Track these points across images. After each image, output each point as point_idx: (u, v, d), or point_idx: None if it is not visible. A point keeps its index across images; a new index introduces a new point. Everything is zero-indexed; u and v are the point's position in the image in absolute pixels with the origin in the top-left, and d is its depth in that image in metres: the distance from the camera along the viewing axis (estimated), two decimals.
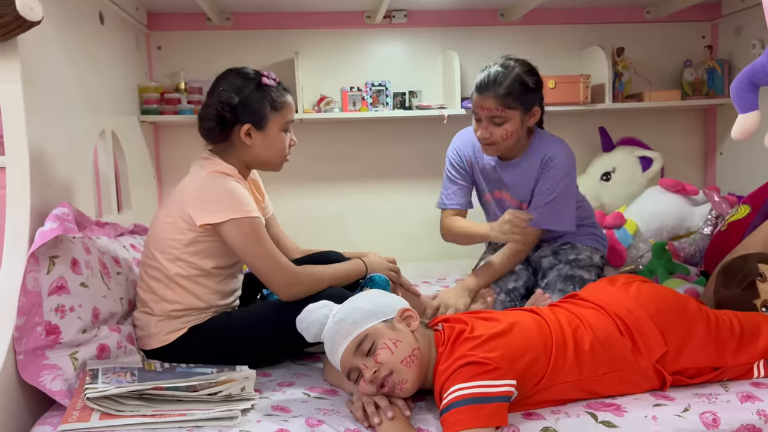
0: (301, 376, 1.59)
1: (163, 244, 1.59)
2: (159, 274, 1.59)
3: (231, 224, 1.52)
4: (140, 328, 1.62)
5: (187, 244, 1.56)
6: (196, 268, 1.58)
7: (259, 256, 1.54)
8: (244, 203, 1.54)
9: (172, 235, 1.57)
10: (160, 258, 1.59)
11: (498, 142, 1.93)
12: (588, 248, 2.11)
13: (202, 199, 1.53)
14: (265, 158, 1.67)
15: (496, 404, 1.21)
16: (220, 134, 1.62)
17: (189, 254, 1.57)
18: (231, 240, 1.53)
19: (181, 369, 1.44)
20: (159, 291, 1.60)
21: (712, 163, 3.00)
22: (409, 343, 1.32)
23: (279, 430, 1.24)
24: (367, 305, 1.36)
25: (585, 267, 2.05)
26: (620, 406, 1.33)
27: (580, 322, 1.41)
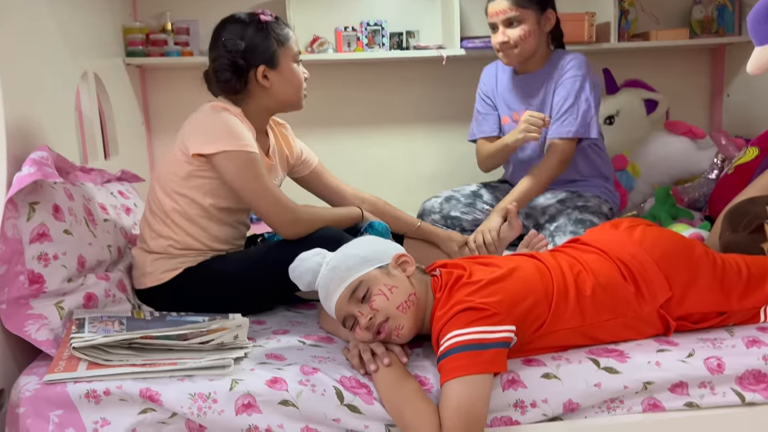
0: (296, 324, 1.55)
1: (162, 178, 1.56)
2: (157, 209, 1.57)
3: (225, 156, 1.48)
4: (136, 266, 1.59)
5: (184, 177, 1.53)
6: (193, 205, 1.54)
7: (257, 192, 1.50)
8: (240, 137, 1.49)
9: (171, 168, 1.55)
10: (159, 192, 1.56)
11: (517, 45, 1.97)
12: (596, 198, 2.07)
13: (199, 129, 1.51)
14: (285, 97, 1.64)
15: (494, 350, 1.18)
16: (237, 83, 1.58)
17: (186, 189, 1.53)
18: (226, 174, 1.49)
19: (172, 317, 1.40)
20: (155, 226, 1.56)
21: (719, 105, 2.91)
22: (404, 288, 1.27)
23: (273, 378, 1.21)
24: (362, 251, 1.31)
25: (594, 213, 2.01)
26: (623, 352, 1.30)
27: (582, 267, 1.36)
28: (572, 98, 1.95)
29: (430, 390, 1.23)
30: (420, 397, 1.19)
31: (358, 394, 1.21)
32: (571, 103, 1.95)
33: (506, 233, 1.85)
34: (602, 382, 1.25)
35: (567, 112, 1.95)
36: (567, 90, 1.97)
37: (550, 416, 1.24)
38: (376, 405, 1.21)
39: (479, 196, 2.18)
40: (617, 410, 1.26)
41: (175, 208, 1.55)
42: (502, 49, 2.00)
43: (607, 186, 2.12)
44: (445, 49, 2.59)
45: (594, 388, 1.24)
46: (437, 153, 2.79)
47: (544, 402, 1.23)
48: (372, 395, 1.22)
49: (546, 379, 1.24)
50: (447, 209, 2.14)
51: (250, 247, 1.67)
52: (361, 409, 1.20)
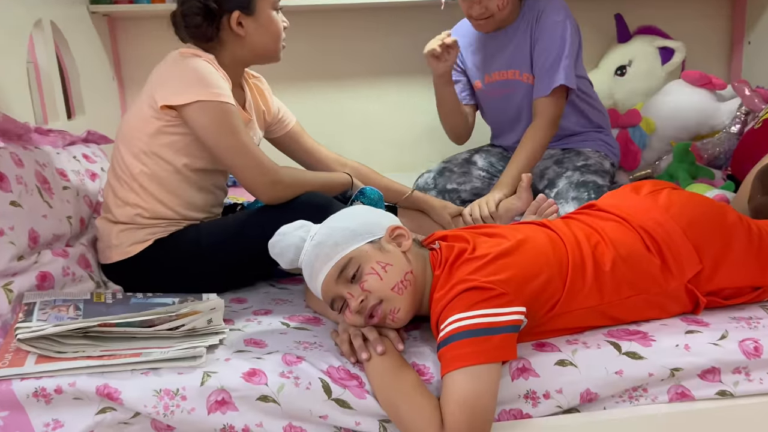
0: (280, 302, 1.40)
1: (128, 137, 1.39)
2: (122, 173, 1.39)
3: (197, 108, 1.30)
4: (101, 238, 1.43)
5: (152, 135, 1.35)
6: (163, 167, 1.37)
7: (233, 149, 1.32)
8: (214, 85, 1.32)
9: (137, 124, 1.37)
10: (125, 154, 1.39)
11: (494, 14, 1.78)
12: (595, 153, 1.91)
13: (167, 78, 1.34)
14: (262, 47, 1.45)
15: (502, 335, 1.03)
16: (209, 29, 1.39)
17: (155, 148, 1.36)
18: (198, 128, 1.32)
19: (137, 300, 1.25)
20: (120, 193, 1.39)
21: (739, 53, 2.70)
22: (400, 266, 1.11)
23: (251, 370, 1.06)
24: (351, 224, 1.14)
25: (597, 172, 1.85)
26: (647, 334, 1.15)
27: (600, 238, 1.20)
28: (554, 51, 1.77)
29: (429, 381, 1.08)
30: (418, 389, 1.04)
31: (348, 386, 1.07)
32: (554, 57, 1.77)
33: (513, 204, 1.68)
34: (624, 369, 1.10)
35: (550, 67, 1.77)
36: (546, 42, 1.78)
37: (565, 408, 1.10)
38: (368, 399, 1.06)
39: (473, 163, 2.02)
40: (640, 400, 1.12)
41: (143, 171, 1.37)
42: (480, 19, 1.80)
43: (603, 138, 1.96)
44: None
45: (615, 376, 1.10)
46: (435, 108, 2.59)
47: (558, 392, 1.09)
48: (364, 388, 1.07)
49: (560, 366, 1.10)
50: (442, 183, 1.97)
51: (227, 216, 1.50)
52: (351, 404, 1.06)
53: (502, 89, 1.92)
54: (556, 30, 1.78)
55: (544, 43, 1.79)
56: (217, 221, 1.44)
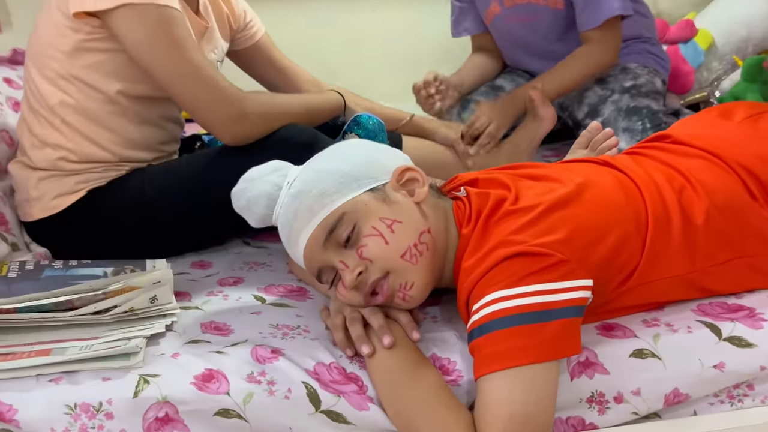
0: (254, 267, 1.09)
1: (39, 55, 1.05)
2: (38, 105, 1.06)
3: (124, 14, 0.95)
4: (17, 189, 1.11)
5: (69, 53, 1.02)
6: (91, 94, 1.04)
7: (177, 70, 0.99)
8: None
9: (49, 39, 1.03)
10: (37, 78, 1.05)
11: None
12: (644, 68, 1.60)
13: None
14: None
15: (562, 321, 0.74)
16: None
17: (77, 69, 1.02)
18: (129, 42, 0.98)
19: (54, 271, 0.93)
20: (37, 130, 1.07)
21: None
22: (413, 223, 0.81)
23: (206, 372, 0.77)
24: (342, 165, 0.83)
25: (649, 94, 1.55)
26: (754, 311, 0.86)
27: (686, 181, 0.89)
28: None
29: (456, 382, 0.80)
30: (441, 397, 0.76)
31: (344, 393, 0.77)
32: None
33: (531, 128, 1.40)
34: (726, 361, 0.81)
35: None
36: None
37: (644, 414, 0.81)
38: (371, 410, 0.77)
39: (499, 88, 1.69)
40: (745, 401, 0.84)
41: (63, 100, 1.04)
42: None
43: (651, 49, 1.66)
44: None
45: (713, 371, 0.81)
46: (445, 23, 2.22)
47: (635, 394, 0.80)
48: (365, 393, 0.78)
49: (639, 359, 0.81)
50: (467, 118, 1.64)
51: (182, 156, 1.17)
52: (347, 418, 0.77)
53: (524, 16, 1.59)
54: None
55: None
56: (168, 164, 1.11)
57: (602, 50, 1.51)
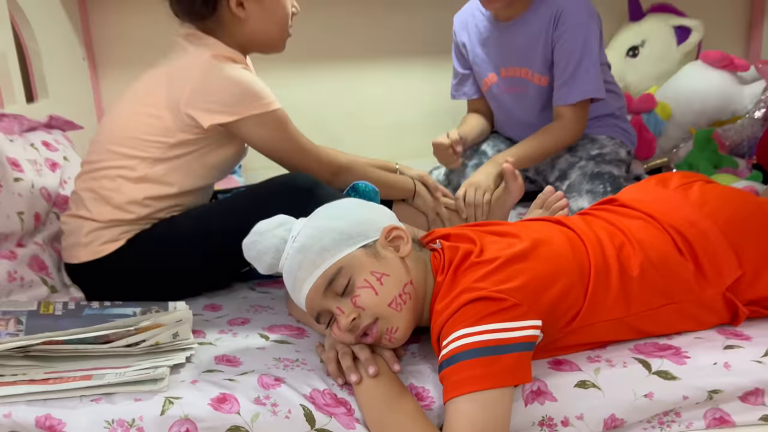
0: (259, 310, 1.25)
1: (136, 142, 1.23)
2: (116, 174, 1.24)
3: (253, 122, 1.23)
4: (68, 235, 1.28)
5: (172, 145, 1.23)
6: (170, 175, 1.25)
7: (294, 152, 1.30)
8: (263, 94, 1.24)
9: (149, 130, 1.22)
10: (127, 158, 1.23)
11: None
12: (610, 140, 1.76)
13: (208, 92, 1.20)
14: (263, 34, 1.32)
15: (514, 354, 0.88)
16: (204, 8, 1.24)
17: (171, 157, 1.24)
18: (256, 140, 1.27)
19: (92, 310, 1.09)
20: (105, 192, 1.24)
21: (759, 32, 2.54)
22: (398, 277, 0.96)
23: (221, 395, 0.91)
24: (341, 223, 0.98)
25: (612, 162, 1.71)
26: (680, 350, 1.01)
27: (625, 238, 1.05)
28: (578, 56, 1.60)
29: (429, 407, 0.94)
30: (417, 420, 0.90)
31: (335, 414, 0.92)
32: (576, 64, 1.60)
33: (503, 197, 1.54)
34: (655, 391, 0.95)
35: (574, 74, 1.61)
36: (569, 45, 1.60)
37: None
38: (357, 429, 0.91)
39: (482, 153, 1.87)
40: (672, 426, 0.98)
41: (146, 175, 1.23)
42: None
43: (619, 124, 1.82)
44: None
45: (644, 399, 0.95)
46: (438, 88, 2.40)
47: (578, 419, 0.94)
48: (353, 414, 0.93)
49: (582, 389, 0.95)
50: (455, 179, 1.83)
51: (200, 207, 1.34)
52: None
53: (514, 87, 1.77)
54: (579, 33, 1.59)
55: (566, 47, 1.61)
56: (188, 214, 1.29)
57: (570, 127, 1.67)
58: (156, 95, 1.22)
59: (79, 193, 1.28)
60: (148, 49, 2.18)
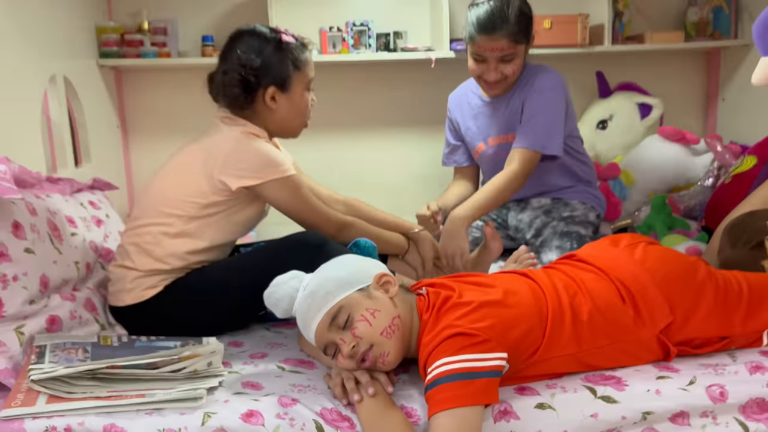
0: (275, 346, 1.47)
1: (176, 202, 1.48)
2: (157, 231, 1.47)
3: (274, 185, 1.48)
4: (114, 282, 1.51)
5: (204, 206, 1.48)
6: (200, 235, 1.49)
7: (306, 211, 1.54)
8: (282, 163, 1.49)
9: (187, 192, 1.47)
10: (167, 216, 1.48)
11: (508, 78, 1.85)
12: (582, 204, 2.00)
13: (237, 161, 1.46)
14: (287, 122, 1.60)
15: (485, 380, 1.10)
16: (244, 101, 1.53)
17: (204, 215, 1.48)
18: (275, 200, 1.52)
19: (141, 343, 1.31)
20: (148, 246, 1.48)
21: (714, 109, 2.85)
22: (388, 311, 1.19)
23: (248, 411, 1.13)
24: (341, 273, 1.22)
25: (581, 223, 1.95)
26: (620, 380, 1.23)
27: (578, 288, 1.29)
28: (535, 111, 1.84)
29: (417, 422, 1.15)
30: (405, 429, 1.11)
31: (340, 428, 1.13)
32: (532, 116, 1.84)
33: (484, 254, 1.77)
34: (599, 412, 1.17)
35: (528, 124, 1.85)
36: (530, 106, 1.86)
37: None
38: None
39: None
40: None
41: (183, 231, 1.47)
42: (492, 84, 1.86)
43: (591, 191, 2.06)
44: (434, 51, 2.51)
45: (590, 419, 1.17)
46: (428, 155, 2.70)
47: None
48: (355, 428, 1.14)
49: (540, 409, 1.17)
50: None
51: (228, 260, 1.58)
52: None
53: (502, 151, 1.99)
54: (539, 96, 1.84)
55: (528, 106, 1.86)
56: (217, 265, 1.52)
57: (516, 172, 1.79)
58: (194, 165, 1.48)
59: (125, 246, 1.52)
60: (171, 118, 2.51)
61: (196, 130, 1.59)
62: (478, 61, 1.84)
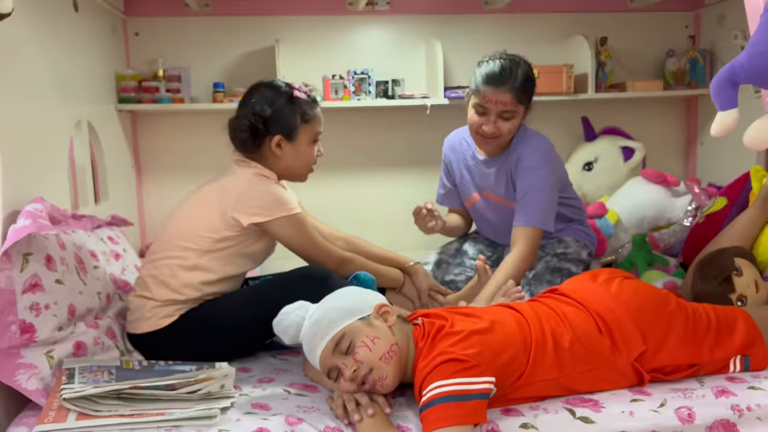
0: (281, 372, 1.58)
1: (189, 235, 1.61)
2: (173, 263, 1.60)
3: (281, 222, 1.61)
4: (133, 311, 1.63)
5: (217, 240, 1.61)
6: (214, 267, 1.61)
7: (309, 247, 1.67)
8: (289, 201, 1.63)
9: (203, 227, 1.61)
10: (183, 249, 1.60)
11: (503, 136, 1.92)
12: (575, 242, 2.10)
13: (249, 199, 1.59)
14: (292, 169, 1.74)
15: (475, 401, 1.22)
16: (252, 145, 1.67)
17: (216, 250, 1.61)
18: (282, 236, 1.64)
19: (160, 367, 1.43)
20: (165, 278, 1.60)
21: (694, 153, 3.02)
22: (386, 339, 1.31)
23: (258, 429, 1.24)
24: (343, 303, 1.35)
25: (573, 261, 2.04)
26: (598, 402, 1.34)
27: (560, 320, 1.41)
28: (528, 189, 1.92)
29: None
30: None
31: None
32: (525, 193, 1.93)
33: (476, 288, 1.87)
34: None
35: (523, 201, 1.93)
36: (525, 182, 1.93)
37: None
38: None
39: (464, 253, 2.20)
40: None
41: (196, 265, 1.60)
42: (488, 137, 1.92)
43: (583, 229, 2.16)
44: (430, 99, 2.68)
45: None
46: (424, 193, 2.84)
47: None
48: None
49: (524, 429, 1.28)
50: (440, 275, 2.14)
51: (239, 291, 1.70)
52: None
53: (495, 207, 2.10)
54: (530, 174, 1.91)
55: (520, 183, 1.94)
56: (229, 297, 1.65)
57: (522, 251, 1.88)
58: (209, 203, 1.62)
59: (143, 278, 1.65)
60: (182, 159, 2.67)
61: (205, 170, 1.73)
62: (479, 113, 1.91)
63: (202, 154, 2.59)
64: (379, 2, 2.77)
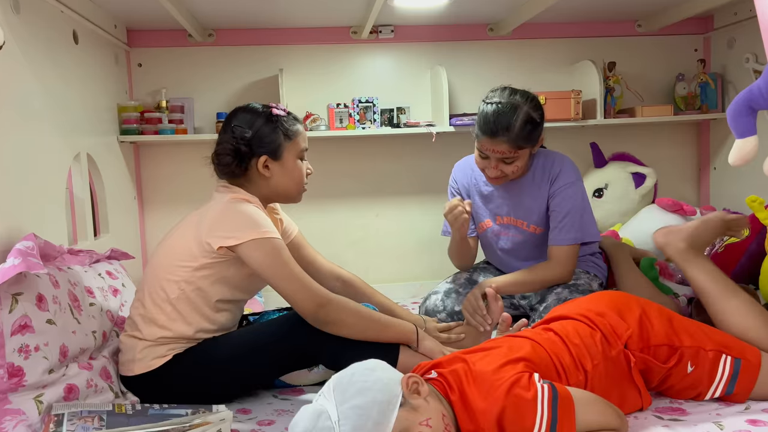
0: (282, 413, 1.51)
1: (170, 267, 1.54)
2: (157, 297, 1.54)
3: (251, 245, 1.49)
4: (125, 352, 1.57)
5: (197, 268, 1.53)
6: (199, 295, 1.54)
7: (283, 277, 1.49)
8: (263, 225, 1.51)
9: (182, 257, 1.53)
10: (164, 280, 1.54)
11: (509, 177, 1.94)
12: (586, 274, 2.07)
13: (221, 223, 1.51)
14: (284, 188, 1.67)
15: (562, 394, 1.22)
16: (237, 168, 1.62)
17: (197, 278, 1.53)
18: (253, 261, 1.49)
19: (154, 411, 1.36)
20: (152, 314, 1.54)
21: (706, 178, 2.95)
22: (435, 414, 1.16)
23: None
24: (375, 396, 1.13)
25: (584, 292, 1.99)
26: None
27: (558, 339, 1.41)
28: (569, 205, 1.93)
29: None
30: None
31: None
32: (567, 210, 1.93)
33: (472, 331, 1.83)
34: None
35: (564, 221, 1.93)
36: (562, 202, 1.95)
37: None
38: None
39: (475, 283, 2.15)
40: None
41: (179, 296, 1.53)
42: (493, 179, 1.95)
43: (594, 260, 2.13)
44: (435, 126, 2.64)
45: None
46: (430, 221, 2.81)
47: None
48: None
49: None
50: (450, 305, 2.09)
51: (237, 331, 1.64)
52: None
53: (509, 233, 2.07)
54: (570, 190, 1.94)
55: (559, 201, 1.94)
56: (228, 337, 1.58)
57: (558, 267, 1.92)
58: (188, 233, 1.55)
59: (132, 317, 1.59)
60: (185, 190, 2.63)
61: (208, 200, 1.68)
62: (482, 157, 1.92)
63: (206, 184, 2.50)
64: (383, 30, 2.75)
